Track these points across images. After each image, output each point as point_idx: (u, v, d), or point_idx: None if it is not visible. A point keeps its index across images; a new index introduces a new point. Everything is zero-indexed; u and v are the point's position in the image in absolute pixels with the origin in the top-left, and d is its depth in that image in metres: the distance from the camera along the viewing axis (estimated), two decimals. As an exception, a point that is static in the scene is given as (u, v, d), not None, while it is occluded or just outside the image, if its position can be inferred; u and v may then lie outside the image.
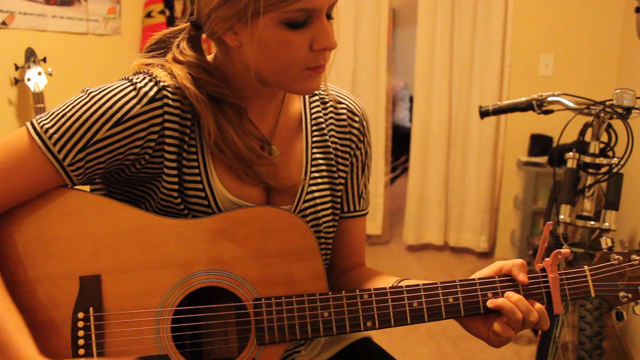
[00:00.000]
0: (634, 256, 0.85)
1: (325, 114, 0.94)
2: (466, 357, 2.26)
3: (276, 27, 0.74)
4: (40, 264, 0.78)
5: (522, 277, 0.81)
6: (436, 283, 0.82)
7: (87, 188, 0.87)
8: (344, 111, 0.95)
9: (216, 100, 0.82)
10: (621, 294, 0.84)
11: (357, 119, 0.96)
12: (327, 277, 0.85)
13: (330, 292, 0.82)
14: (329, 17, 0.79)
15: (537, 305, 0.80)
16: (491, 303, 0.80)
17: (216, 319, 0.81)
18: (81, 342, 0.77)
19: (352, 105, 0.97)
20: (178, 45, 0.85)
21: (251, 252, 0.82)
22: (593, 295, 0.84)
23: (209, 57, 0.87)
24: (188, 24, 0.85)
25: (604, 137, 1.61)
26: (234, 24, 0.76)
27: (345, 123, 0.95)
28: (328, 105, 0.95)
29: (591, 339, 1.50)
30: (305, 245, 0.83)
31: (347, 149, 0.96)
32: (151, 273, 0.80)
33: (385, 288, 0.81)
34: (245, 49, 0.79)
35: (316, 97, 0.95)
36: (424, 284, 0.82)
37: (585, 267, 0.85)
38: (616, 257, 0.85)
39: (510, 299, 0.79)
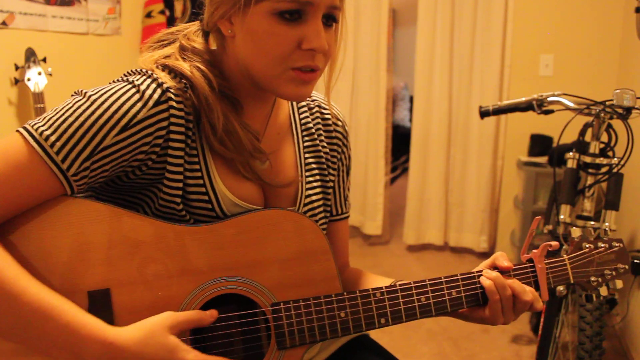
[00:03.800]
0: (599, 244, 0.95)
1: (313, 119, 0.96)
2: (466, 357, 2.26)
3: (268, 16, 0.74)
4: (43, 281, 0.71)
5: (506, 264, 0.88)
6: (440, 278, 0.86)
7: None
8: (329, 116, 0.98)
9: (218, 91, 0.81)
10: (592, 278, 0.94)
11: (340, 123, 0.99)
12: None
13: (345, 292, 0.83)
14: (332, 19, 0.78)
15: (529, 288, 0.87)
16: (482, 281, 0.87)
17: (235, 326, 0.80)
18: None
19: (336, 111, 0.99)
20: (185, 34, 0.86)
21: (265, 256, 0.81)
22: (572, 281, 0.93)
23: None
24: (196, 22, 0.86)
25: (604, 137, 1.61)
26: (230, 11, 0.77)
27: (331, 128, 0.98)
28: (314, 111, 0.97)
29: (591, 339, 1.50)
30: (318, 246, 0.83)
31: (335, 153, 0.98)
32: (164, 283, 0.76)
33: (395, 285, 0.84)
34: (238, 40, 0.78)
35: (303, 104, 0.96)
36: (430, 280, 0.86)
37: (565, 257, 0.93)
38: (587, 245, 0.94)
39: (505, 283, 0.85)
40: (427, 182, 3.44)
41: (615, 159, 1.58)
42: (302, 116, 0.95)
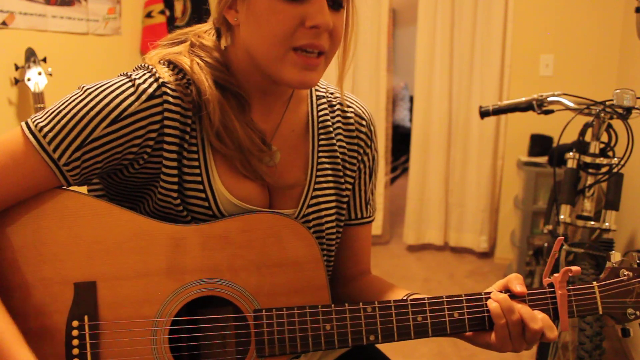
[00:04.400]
0: None
1: (333, 117, 0.92)
2: (466, 357, 2.26)
3: None
4: (33, 269, 0.75)
5: (519, 288, 0.79)
6: (442, 297, 0.80)
7: (84, 189, 0.85)
8: (352, 115, 0.93)
9: (221, 88, 0.81)
10: (629, 310, 0.81)
11: (364, 123, 0.94)
12: (330, 287, 0.83)
13: (332, 305, 0.79)
14: (337, 3, 0.77)
15: (541, 314, 0.78)
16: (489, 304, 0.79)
17: (215, 329, 0.79)
18: (75, 351, 0.75)
19: (360, 109, 0.94)
20: (196, 33, 0.86)
21: (252, 261, 0.79)
22: (601, 312, 0.81)
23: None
24: (209, 22, 0.86)
25: (604, 137, 1.61)
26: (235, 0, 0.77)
27: (353, 127, 0.93)
28: (336, 108, 0.92)
29: (591, 338, 1.50)
30: (309, 254, 0.81)
31: (355, 154, 0.93)
32: (148, 280, 0.77)
33: (389, 301, 0.79)
34: (243, 27, 0.78)
35: (324, 100, 0.92)
36: (429, 298, 0.80)
37: (594, 284, 0.82)
38: (626, 272, 0.82)
39: (513, 306, 0.78)
40: (427, 182, 3.44)
41: (615, 159, 1.58)
42: (320, 113, 0.91)
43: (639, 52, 2.51)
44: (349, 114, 0.93)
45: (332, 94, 0.94)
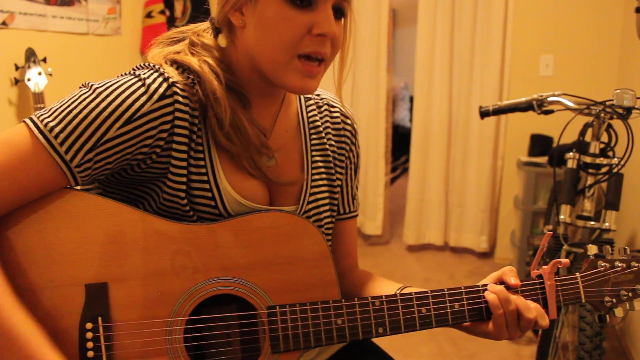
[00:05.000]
0: (617, 263, 0.91)
1: (322, 118, 0.96)
2: (466, 357, 2.26)
3: (279, 2, 0.75)
4: (42, 271, 0.73)
5: (513, 281, 0.85)
6: (443, 290, 0.85)
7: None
8: (338, 114, 0.97)
9: (227, 87, 0.81)
10: (606, 298, 0.89)
11: (349, 122, 0.99)
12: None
13: (343, 300, 0.82)
14: (340, 12, 0.80)
15: (534, 304, 0.84)
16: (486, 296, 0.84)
17: (229, 327, 0.80)
18: (90, 354, 0.74)
19: (344, 108, 0.99)
20: (195, 32, 0.86)
21: (264, 259, 0.80)
22: (583, 300, 0.89)
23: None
24: (205, 22, 0.87)
25: (604, 137, 1.61)
26: (242, 2, 0.77)
27: (340, 126, 0.97)
28: (323, 109, 0.97)
29: (591, 339, 1.50)
30: (318, 251, 0.83)
31: (343, 152, 0.97)
32: (161, 280, 0.77)
33: (395, 295, 0.83)
34: (248, 30, 0.79)
35: (311, 102, 0.96)
36: (432, 291, 0.84)
37: (577, 275, 0.89)
38: (602, 264, 0.90)
39: (509, 297, 0.83)
40: (427, 182, 3.44)
41: (615, 159, 1.58)
42: (310, 114, 0.95)
43: (639, 52, 2.51)
44: (335, 114, 0.97)
45: (318, 95, 0.98)
